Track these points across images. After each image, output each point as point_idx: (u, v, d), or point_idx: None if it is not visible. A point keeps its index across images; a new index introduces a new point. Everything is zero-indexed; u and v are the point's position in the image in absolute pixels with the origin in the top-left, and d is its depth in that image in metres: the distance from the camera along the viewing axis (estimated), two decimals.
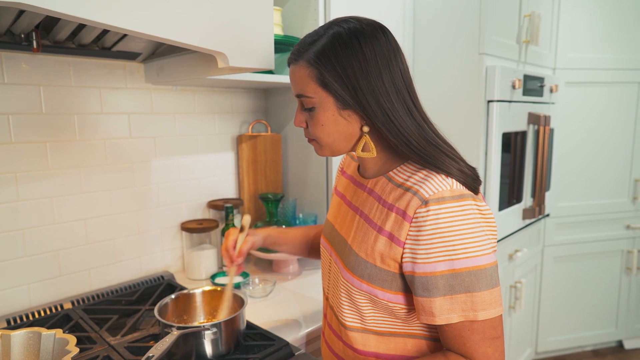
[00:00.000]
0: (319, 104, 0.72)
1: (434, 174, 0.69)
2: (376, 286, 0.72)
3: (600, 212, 2.37)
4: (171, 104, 1.45)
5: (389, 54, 0.70)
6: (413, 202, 0.67)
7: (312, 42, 0.71)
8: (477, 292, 0.64)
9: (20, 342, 0.82)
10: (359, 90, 0.68)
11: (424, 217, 0.65)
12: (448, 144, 0.74)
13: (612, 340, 2.55)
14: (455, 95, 1.69)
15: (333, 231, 0.87)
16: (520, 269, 2.05)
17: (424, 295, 0.66)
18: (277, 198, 1.54)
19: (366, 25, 0.70)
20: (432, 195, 0.66)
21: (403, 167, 0.75)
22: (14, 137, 1.13)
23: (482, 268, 0.64)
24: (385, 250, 0.71)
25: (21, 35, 1.02)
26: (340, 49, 0.68)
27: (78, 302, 1.23)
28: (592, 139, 2.30)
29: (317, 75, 0.70)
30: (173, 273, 1.47)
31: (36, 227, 1.19)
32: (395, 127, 0.69)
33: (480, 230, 0.66)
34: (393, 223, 0.70)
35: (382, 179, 0.77)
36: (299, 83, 0.73)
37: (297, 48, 0.74)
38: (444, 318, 0.66)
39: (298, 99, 0.75)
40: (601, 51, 2.23)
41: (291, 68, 0.75)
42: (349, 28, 0.69)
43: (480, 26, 1.59)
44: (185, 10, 0.81)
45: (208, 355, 0.92)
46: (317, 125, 0.74)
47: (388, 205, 0.72)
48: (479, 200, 0.68)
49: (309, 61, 0.70)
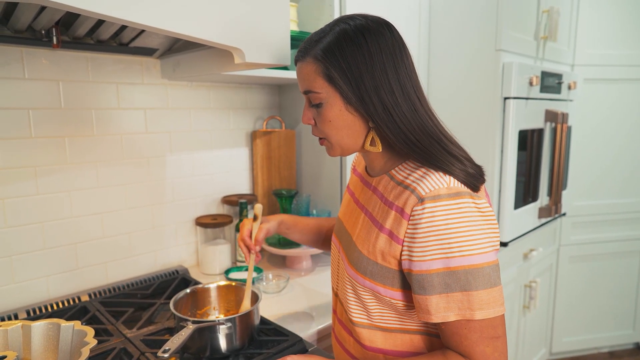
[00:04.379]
0: (326, 100, 0.72)
1: (432, 171, 0.69)
2: (378, 283, 0.73)
3: (617, 212, 2.32)
4: (186, 100, 1.46)
5: (394, 50, 0.70)
6: (410, 200, 0.67)
7: (319, 39, 0.72)
8: (474, 291, 0.63)
9: (41, 333, 0.83)
10: (362, 85, 0.68)
11: (420, 214, 0.65)
12: (454, 141, 0.74)
13: (629, 342, 2.50)
14: (471, 92, 1.67)
15: (342, 228, 0.87)
16: (535, 268, 2.02)
17: (420, 292, 0.66)
18: (290, 194, 1.55)
19: (372, 22, 0.71)
20: (429, 193, 0.66)
21: (404, 165, 0.75)
22: (34, 132, 1.15)
23: (479, 267, 0.63)
24: (385, 248, 0.71)
25: (42, 31, 1.03)
26: (346, 45, 0.69)
27: (95, 295, 1.25)
28: (611, 138, 2.25)
29: (323, 71, 0.71)
30: (187, 267, 1.48)
31: (54, 220, 1.21)
32: (396, 124, 0.69)
33: (478, 228, 0.65)
34: (393, 221, 0.70)
35: (385, 177, 0.77)
36: (306, 79, 0.73)
37: (303, 46, 0.74)
38: (440, 316, 0.65)
39: (305, 95, 0.75)
40: (621, 47, 2.18)
41: (298, 65, 0.75)
42: (355, 25, 0.70)
43: (497, 22, 1.57)
44: (202, 6, 0.81)
45: (222, 349, 0.93)
46: (325, 122, 0.74)
47: (389, 203, 0.73)
48: (477, 198, 0.67)
49: (315, 57, 0.71)
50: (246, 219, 1.00)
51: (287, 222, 1.05)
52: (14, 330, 0.82)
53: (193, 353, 0.93)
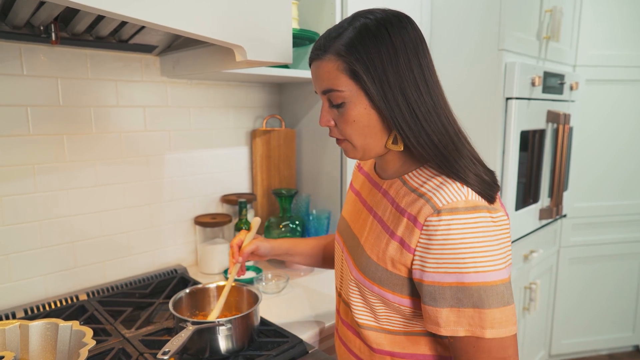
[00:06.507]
0: (349, 99, 0.68)
1: (449, 181, 0.66)
2: (387, 289, 0.71)
3: (618, 214, 2.32)
4: (186, 98, 1.44)
5: (417, 45, 0.67)
6: (425, 210, 0.65)
7: (338, 35, 0.68)
8: (487, 309, 0.62)
9: (38, 333, 0.82)
10: (386, 82, 0.65)
11: (435, 226, 0.63)
12: (469, 143, 0.72)
13: (628, 344, 2.50)
14: (472, 92, 1.66)
15: (347, 228, 0.85)
16: (535, 270, 2.01)
17: (430, 304, 0.65)
18: (290, 194, 1.54)
19: (392, 15, 0.68)
20: (446, 205, 0.64)
21: (419, 171, 0.72)
22: (32, 129, 1.13)
23: (493, 284, 0.62)
24: (396, 256, 0.69)
25: (40, 27, 1.02)
26: (369, 40, 0.65)
27: (93, 294, 1.24)
28: (612, 139, 2.25)
29: (347, 68, 0.66)
30: (186, 267, 1.47)
31: (52, 219, 1.20)
32: (419, 123, 0.66)
33: (493, 244, 0.63)
34: (404, 229, 0.68)
35: (397, 182, 0.74)
36: (327, 78, 0.69)
37: (321, 43, 0.70)
38: (449, 330, 0.64)
39: (324, 95, 0.71)
40: (623, 48, 2.17)
41: (315, 64, 0.71)
42: (376, 19, 0.67)
43: (500, 21, 1.56)
44: (203, 2, 0.80)
45: (222, 350, 0.92)
46: (348, 122, 0.70)
47: (400, 209, 0.70)
48: (494, 212, 0.65)
49: (338, 53, 0.67)
50: (244, 230, 1.00)
51: (284, 247, 1.02)
52: (12, 330, 0.81)
53: (192, 354, 0.92)
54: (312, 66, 0.72)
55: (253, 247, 0.97)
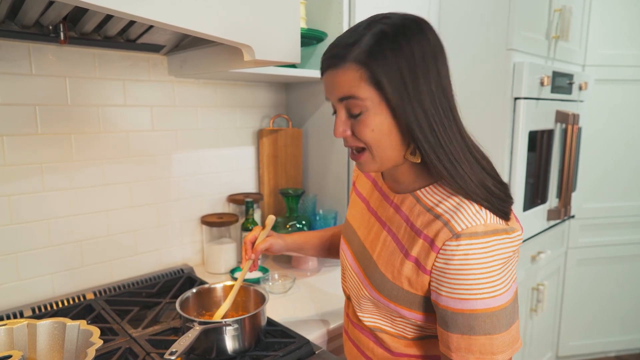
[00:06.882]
0: (369, 108, 0.65)
1: (467, 203, 0.65)
2: (403, 307, 0.71)
3: (626, 214, 2.29)
4: (193, 97, 1.44)
5: (435, 52, 0.65)
6: (443, 233, 0.64)
7: (354, 42, 0.64)
8: (497, 334, 0.62)
9: (46, 332, 0.82)
10: (403, 92, 0.62)
11: (453, 250, 0.62)
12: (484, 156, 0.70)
13: (636, 346, 2.47)
14: (481, 91, 1.64)
15: (355, 236, 0.83)
16: (543, 271, 2.00)
17: (443, 327, 0.65)
18: (297, 193, 1.53)
19: (410, 21, 0.65)
20: (465, 230, 0.62)
21: (433, 189, 0.70)
22: (40, 128, 1.14)
23: (503, 307, 0.62)
24: (412, 276, 0.68)
25: (49, 27, 1.02)
26: (389, 48, 0.62)
27: (100, 293, 1.24)
28: (620, 139, 2.22)
29: (369, 76, 0.63)
30: (192, 266, 1.47)
31: (60, 218, 1.20)
32: (436, 135, 0.64)
33: (507, 266, 0.63)
34: (420, 250, 0.67)
35: (410, 198, 0.72)
36: (346, 86, 0.65)
37: (336, 51, 0.66)
38: (460, 355, 0.64)
39: (342, 103, 0.67)
40: (633, 48, 2.14)
41: (332, 73, 0.67)
42: (393, 24, 0.63)
43: (508, 21, 1.54)
44: (212, 2, 0.79)
45: (229, 350, 0.92)
46: (366, 131, 0.66)
47: (416, 229, 0.69)
48: (512, 232, 0.63)
49: (358, 61, 0.63)
50: (258, 226, 1.00)
51: (298, 242, 1.03)
52: (19, 329, 0.81)
53: (199, 354, 0.92)
54: (326, 75, 0.68)
55: (267, 245, 0.96)
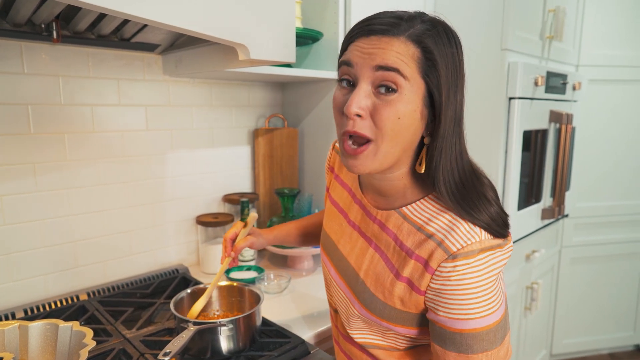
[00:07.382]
0: (406, 92, 0.58)
1: (459, 221, 0.61)
2: (396, 324, 0.70)
3: (620, 214, 2.31)
4: (188, 97, 1.44)
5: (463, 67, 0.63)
6: (437, 254, 0.61)
7: (410, 18, 0.60)
8: (494, 349, 0.62)
9: (38, 334, 0.82)
10: (450, 91, 0.60)
11: (449, 272, 0.60)
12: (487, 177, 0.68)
13: (629, 344, 2.50)
14: (475, 91, 1.65)
15: (336, 252, 0.79)
16: (537, 269, 2.01)
17: (439, 344, 0.64)
18: (293, 193, 1.53)
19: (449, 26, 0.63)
20: (461, 250, 0.59)
21: (420, 205, 0.66)
22: (33, 128, 1.13)
23: (500, 320, 0.63)
24: (405, 296, 0.66)
25: (41, 25, 1.01)
26: (444, 41, 0.60)
27: (94, 294, 1.23)
28: (614, 139, 2.24)
29: (421, 59, 0.58)
30: (187, 266, 1.46)
31: (53, 218, 1.19)
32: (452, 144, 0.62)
33: (500, 280, 0.64)
34: (412, 271, 0.64)
35: (395, 215, 0.68)
36: (394, 56, 0.57)
37: (389, 20, 0.59)
38: None
39: (375, 73, 0.58)
40: (626, 48, 2.16)
41: (378, 38, 0.59)
42: (443, 23, 0.62)
43: (503, 21, 1.55)
44: (207, 1, 0.79)
45: (224, 351, 0.91)
46: (389, 116, 0.58)
47: (406, 249, 0.66)
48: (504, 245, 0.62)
49: (416, 40, 0.58)
50: (239, 222, 0.99)
51: (279, 238, 1.03)
52: (11, 330, 0.81)
53: (193, 355, 0.91)
54: (369, 39, 0.60)
55: (247, 244, 0.96)
